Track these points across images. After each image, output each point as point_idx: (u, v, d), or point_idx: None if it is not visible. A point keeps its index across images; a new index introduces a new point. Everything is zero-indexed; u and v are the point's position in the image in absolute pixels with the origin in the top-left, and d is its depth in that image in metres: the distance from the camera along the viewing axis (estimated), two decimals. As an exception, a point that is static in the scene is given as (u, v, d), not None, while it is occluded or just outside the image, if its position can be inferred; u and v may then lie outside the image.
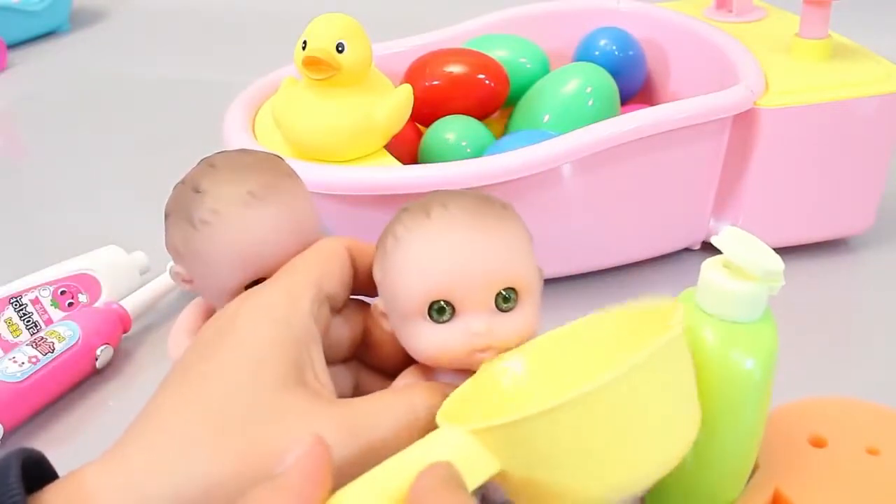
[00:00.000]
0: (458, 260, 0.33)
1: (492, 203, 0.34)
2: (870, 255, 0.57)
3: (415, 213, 0.34)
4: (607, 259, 0.55)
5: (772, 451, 0.37)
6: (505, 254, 0.34)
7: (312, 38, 0.48)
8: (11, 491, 0.27)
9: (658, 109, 0.50)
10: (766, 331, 0.32)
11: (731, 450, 0.34)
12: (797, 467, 0.36)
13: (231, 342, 0.32)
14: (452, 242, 0.33)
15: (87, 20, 1.15)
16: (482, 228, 0.33)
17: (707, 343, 0.32)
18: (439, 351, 0.34)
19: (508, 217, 0.35)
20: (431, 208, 0.34)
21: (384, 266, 0.35)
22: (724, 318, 0.32)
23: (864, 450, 0.37)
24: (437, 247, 0.33)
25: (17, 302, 0.50)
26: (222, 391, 0.31)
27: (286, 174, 0.39)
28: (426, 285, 0.33)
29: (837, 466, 0.36)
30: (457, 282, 0.33)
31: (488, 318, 0.34)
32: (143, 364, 0.50)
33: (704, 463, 0.34)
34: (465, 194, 0.35)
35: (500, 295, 0.34)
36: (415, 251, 0.33)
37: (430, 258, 0.33)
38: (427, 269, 0.33)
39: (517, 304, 0.34)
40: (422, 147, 0.56)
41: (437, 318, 0.34)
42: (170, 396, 0.32)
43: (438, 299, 0.33)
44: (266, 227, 0.37)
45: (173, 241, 0.38)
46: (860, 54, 0.56)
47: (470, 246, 0.33)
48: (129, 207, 0.67)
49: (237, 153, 0.39)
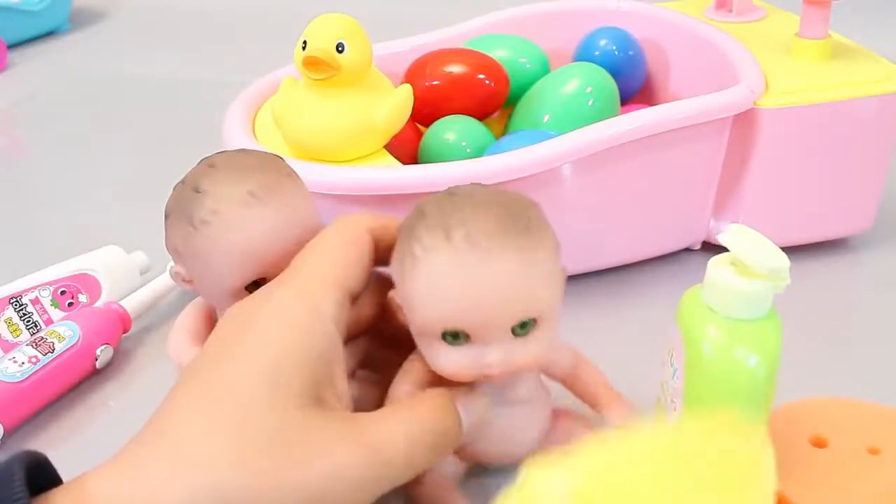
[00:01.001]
0: (475, 298, 0.32)
1: (516, 220, 0.33)
2: (870, 255, 0.57)
3: (434, 232, 0.32)
4: (607, 259, 0.55)
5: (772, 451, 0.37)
6: (525, 285, 0.32)
7: (312, 38, 0.48)
8: (16, 495, 0.27)
9: (658, 109, 0.50)
10: (771, 329, 0.32)
11: None
12: (798, 467, 0.36)
13: (249, 348, 0.31)
14: (470, 275, 0.32)
15: (86, 20, 1.15)
16: (503, 258, 0.32)
17: (712, 340, 0.32)
18: (451, 370, 0.33)
19: (534, 236, 0.33)
20: (452, 230, 0.32)
21: (402, 280, 0.34)
22: (730, 316, 0.32)
23: (864, 450, 0.37)
24: (453, 278, 0.32)
25: (17, 302, 0.50)
26: (239, 403, 0.30)
27: (286, 174, 0.39)
28: (441, 314, 0.32)
29: (838, 466, 0.36)
30: (472, 316, 0.32)
31: (503, 348, 0.33)
32: (143, 364, 0.50)
33: None
34: (489, 209, 0.33)
35: (518, 324, 0.33)
36: (431, 278, 0.32)
37: (446, 288, 0.32)
38: (442, 299, 0.32)
39: (535, 328, 0.33)
40: (422, 147, 0.56)
41: (451, 342, 0.33)
42: (185, 402, 0.31)
43: (453, 329, 0.33)
44: (266, 227, 0.37)
45: (173, 241, 0.38)
46: (860, 54, 0.56)
47: (487, 280, 0.32)
48: (129, 207, 0.67)
49: (237, 153, 0.39)
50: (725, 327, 0.32)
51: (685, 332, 0.33)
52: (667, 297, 0.39)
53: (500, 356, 0.33)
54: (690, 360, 0.33)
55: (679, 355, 0.34)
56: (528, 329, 0.33)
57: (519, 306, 0.32)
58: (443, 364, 0.34)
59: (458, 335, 0.33)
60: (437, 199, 0.34)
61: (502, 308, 0.32)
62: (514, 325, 0.33)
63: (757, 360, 0.32)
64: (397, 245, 0.34)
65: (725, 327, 0.32)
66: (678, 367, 0.34)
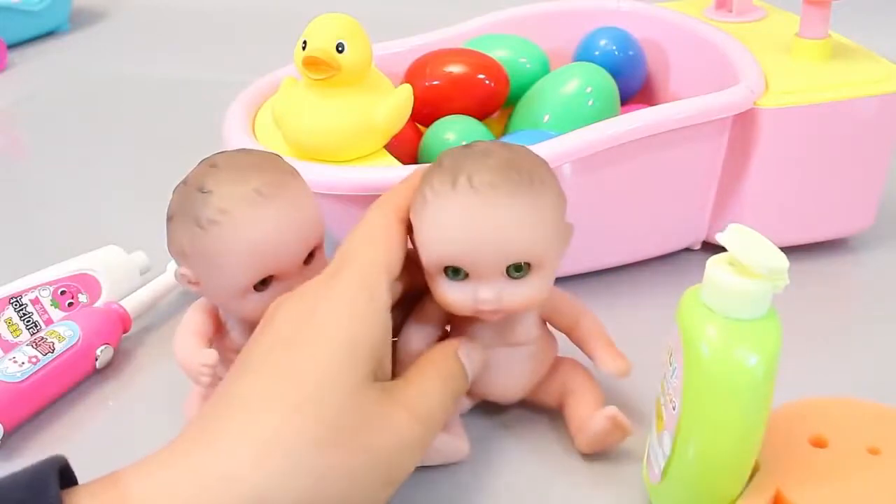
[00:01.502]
0: (473, 237, 0.35)
1: (521, 172, 0.36)
2: (870, 255, 0.57)
3: (443, 178, 0.36)
4: (607, 259, 0.55)
5: (772, 451, 0.37)
6: (520, 231, 0.35)
7: (312, 38, 0.48)
8: (51, 501, 0.27)
9: (658, 109, 0.50)
10: (770, 328, 0.33)
11: (734, 448, 0.34)
12: (798, 467, 0.36)
13: (321, 336, 0.33)
14: (469, 217, 0.35)
15: (86, 20, 1.15)
16: (502, 206, 0.35)
17: (711, 340, 0.32)
18: (451, 304, 0.37)
19: (535, 188, 0.36)
20: (458, 178, 0.36)
21: (415, 221, 0.37)
22: (729, 316, 0.32)
23: (865, 449, 0.37)
24: (454, 221, 0.35)
25: (17, 302, 0.50)
26: (318, 384, 0.31)
27: (288, 172, 0.39)
28: (442, 252, 0.36)
29: (838, 466, 0.36)
30: (469, 255, 0.36)
31: (498, 286, 0.36)
32: (143, 364, 0.50)
33: (706, 461, 0.34)
34: (496, 161, 0.36)
35: (512, 266, 0.36)
36: (436, 219, 0.36)
37: (447, 229, 0.36)
38: (444, 238, 0.36)
39: (529, 273, 0.37)
40: (422, 147, 0.56)
41: (452, 277, 0.37)
42: (253, 387, 0.32)
43: (452, 265, 0.36)
44: (274, 225, 0.37)
45: (178, 242, 0.38)
46: (860, 54, 0.56)
47: (485, 224, 0.35)
48: (129, 207, 0.67)
49: (237, 153, 0.39)
50: (724, 327, 0.32)
51: (684, 332, 0.33)
52: (667, 297, 0.39)
53: (492, 294, 0.36)
54: (689, 359, 0.33)
55: (678, 355, 0.34)
56: (522, 273, 0.36)
57: (513, 249, 0.36)
58: (444, 296, 0.37)
59: (458, 271, 0.36)
60: (456, 151, 0.37)
61: (497, 249, 0.35)
62: (509, 267, 0.36)
63: (756, 360, 0.32)
64: (418, 189, 0.38)
65: (724, 327, 0.32)
66: (677, 367, 0.34)
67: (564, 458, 0.42)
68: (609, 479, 0.40)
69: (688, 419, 0.34)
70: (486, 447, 0.42)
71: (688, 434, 0.34)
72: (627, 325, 0.46)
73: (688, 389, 0.33)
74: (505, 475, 0.41)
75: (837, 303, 0.54)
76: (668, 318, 0.35)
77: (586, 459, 0.41)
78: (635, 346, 0.43)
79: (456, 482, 0.41)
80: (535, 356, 0.42)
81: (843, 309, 0.53)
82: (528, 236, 0.36)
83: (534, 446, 0.42)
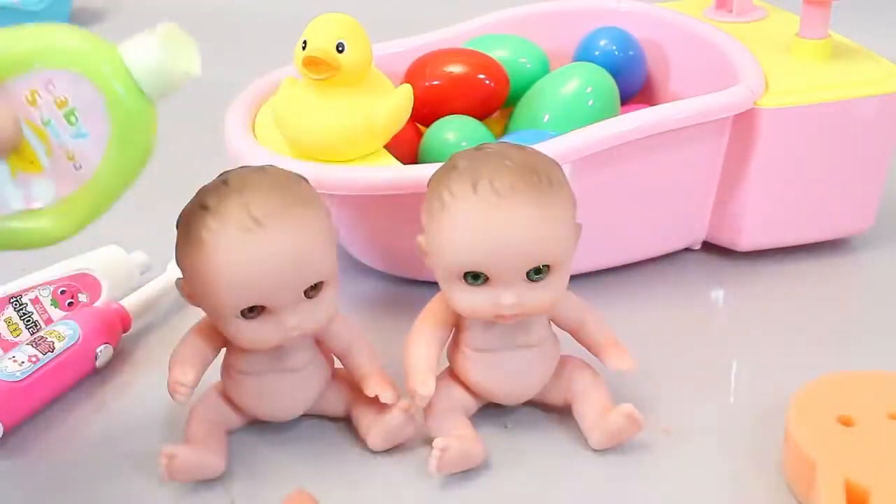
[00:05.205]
0: (495, 242, 0.35)
1: (540, 175, 0.36)
2: (870, 255, 0.57)
3: (462, 182, 0.36)
4: (607, 259, 0.55)
5: (811, 437, 0.37)
6: (541, 234, 0.36)
7: (312, 38, 0.48)
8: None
9: (658, 109, 0.50)
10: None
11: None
12: (843, 451, 0.37)
13: None
14: (492, 223, 0.35)
15: (87, 20, 1.15)
16: (523, 210, 0.35)
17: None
18: (470, 310, 0.38)
19: (554, 191, 0.37)
20: (479, 181, 0.36)
21: (430, 224, 0.37)
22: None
23: (886, 417, 0.38)
24: (477, 225, 0.36)
25: (17, 301, 0.50)
26: None
27: (301, 203, 0.37)
28: (463, 258, 0.36)
29: (866, 439, 0.38)
30: (491, 260, 0.36)
31: (518, 291, 0.37)
32: (143, 364, 0.50)
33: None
34: (513, 163, 0.36)
35: (532, 269, 0.36)
36: (456, 224, 0.36)
37: (470, 234, 0.36)
38: (466, 244, 0.36)
39: (548, 275, 0.37)
40: (422, 147, 0.56)
41: (472, 283, 0.37)
42: None
43: (473, 270, 0.36)
44: (262, 256, 0.36)
45: (177, 253, 0.38)
46: (860, 54, 0.56)
47: (508, 229, 0.35)
48: (129, 207, 0.66)
49: (255, 171, 0.38)
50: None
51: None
52: (667, 297, 0.40)
53: (515, 298, 0.36)
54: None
55: (92, 111, 0.35)
56: (542, 275, 0.37)
57: (535, 252, 0.36)
58: (462, 302, 0.37)
59: (478, 276, 0.36)
60: (469, 154, 0.38)
61: (520, 253, 0.36)
62: (530, 270, 0.36)
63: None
64: (427, 194, 0.38)
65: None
66: (84, 125, 0.35)
67: (573, 457, 0.42)
68: (620, 475, 0.41)
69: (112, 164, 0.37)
70: (492, 447, 0.42)
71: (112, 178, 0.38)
72: (627, 325, 0.46)
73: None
74: (515, 475, 0.41)
75: (837, 303, 0.54)
76: (668, 318, 0.35)
77: (596, 456, 0.41)
78: (635, 345, 0.43)
79: (465, 482, 0.40)
80: (544, 357, 0.42)
81: (843, 309, 0.53)
82: (550, 238, 0.36)
83: (541, 445, 0.42)
